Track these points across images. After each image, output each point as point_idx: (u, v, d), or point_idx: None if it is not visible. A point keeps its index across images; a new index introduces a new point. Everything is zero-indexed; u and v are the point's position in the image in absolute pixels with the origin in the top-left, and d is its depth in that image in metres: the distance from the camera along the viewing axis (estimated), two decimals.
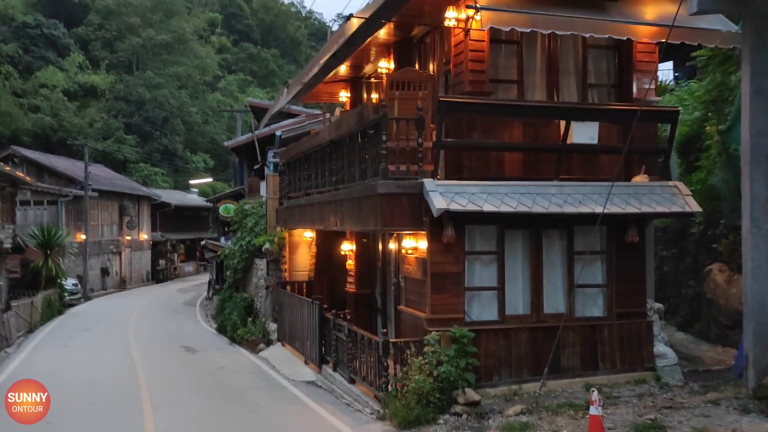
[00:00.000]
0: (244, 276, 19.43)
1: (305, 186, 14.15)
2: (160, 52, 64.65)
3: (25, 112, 50.23)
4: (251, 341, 16.49)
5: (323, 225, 12.70)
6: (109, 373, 13.51)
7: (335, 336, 11.70)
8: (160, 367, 14.23)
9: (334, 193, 11.54)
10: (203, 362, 14.80)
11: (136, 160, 55.34)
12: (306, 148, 13.72)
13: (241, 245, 18.80)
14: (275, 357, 14.74)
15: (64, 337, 19.27)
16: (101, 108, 56.63)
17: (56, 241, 26.57)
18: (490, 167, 10.06)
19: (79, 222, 33.41)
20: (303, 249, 16.84)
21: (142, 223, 42.49)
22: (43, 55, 54.91)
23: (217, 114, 69.29)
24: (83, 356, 15.77)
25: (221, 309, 20.10)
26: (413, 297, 10.03)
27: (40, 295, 23.46)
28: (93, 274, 34.96)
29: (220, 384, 12.30)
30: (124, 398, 11.07)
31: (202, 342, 18.13)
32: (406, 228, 9.58)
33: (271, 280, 16.89)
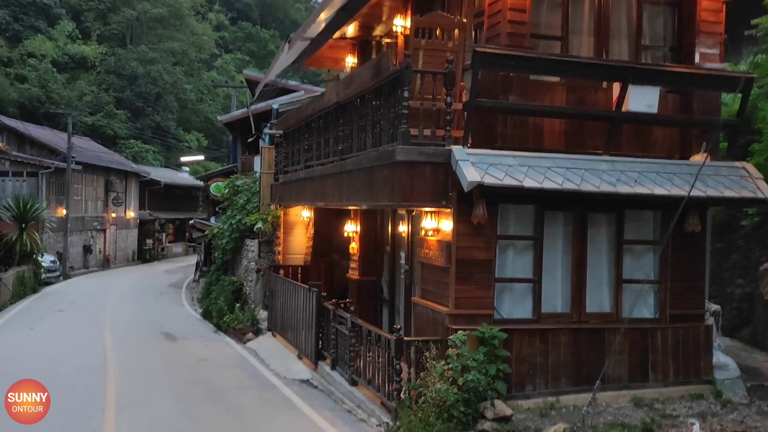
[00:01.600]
0: (233, 258, 17.79)
1: (305, 158, 12.52)
2: (155, 27, 62.85)
3: (11, 81, 48.22)
4: (238, 330, 14.89)
5: (324, 202, 11.08)
6: (74, 362, 11.89)
7: (335, 329, 10.12)
8: (134, 356, 12.61)
9: (340, 164, 9.92)
10: (183, 352, 13.19)
11: (126, 136, 53.57)
12: (308, 114, 12.07)
13: (230, 224, 17.15)
14: (265, 349, 13.15)
15: (32, 319, 17.58)
16: (91, 81, 54.68)
17: (33, 214, 24.77)
18: (527, 137, 8.47)
19: (61, 196, 31.60)
20: (299, 230, 15.23)
21: (129, 200, 40.67)
22: (33, 24, 52.87)
23: (212, 93, 67.77)
24: (48, 341, 14.12)
25: (207, 293, 18.48)
26: (432, 287, 8.44)
27: (12, 272, 21.73)
28: (74, 252, 33.20)
29: (200, 380, 10.71)
30: (86, 395, 9.46)
31: (184, 328, 16.51)
32: (428, 204, 7.97)
33: (262, 263, 15.27)
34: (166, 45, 60.49)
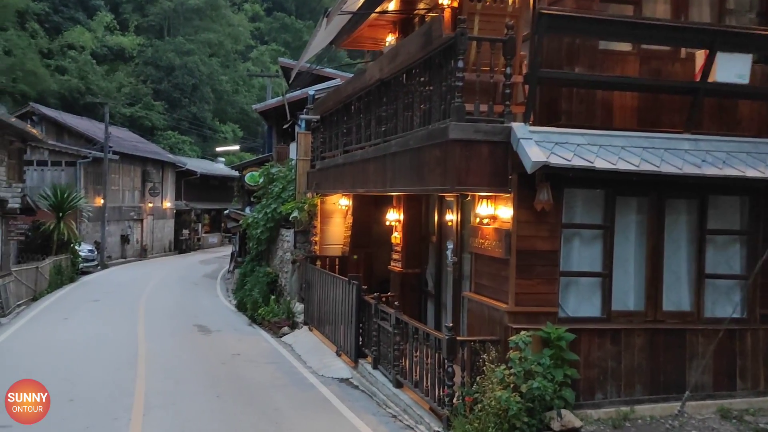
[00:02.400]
0: (268, 248, 17.18)
1: (343, 142, 11.76)
2: (192, 18, 63.15)
3: (51, 73, 48.74)
4: (274, 323, 14.26)
5: (365, 188, 10.30)
6: (105, 355, 11.40)
7: (377, 325, 9.36)
8: (166, 350, 12.07)
9: (383, 147, 9.12)
10: (217, 346, 12.60)
11: (164, 127, 53.92)
12: (347, 95, 11.28)
13: (265, 213, 16.52)
14: (301, 344, 12.49)
15: (67, 308, 17.29)
16: (130, 72, 55.10)
17: (70, 203, 24.63)
18: (595, 114, 7.55)
19: (98, 186, 31.56)
20: (337, 219, 14.50)
21: (165, 190, 40.63)
22: (72, 15, 53.49)
23: (247, 84, 67.93)
24: (81, 332, 13.71)
25: (241, 284, 17.92)
26: (487, 281, 7.59)
27: (49, 261, 21.57)
28: (113, 241, 33.21)
29: (234, 377, 10.07)
30: (114, 392, 8.89)
31: (218, 321, 15.98)
32: (485, 188, 7.11)
33: (298, 254, 14.59)
34: (203, 36, 60.69)
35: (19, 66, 44.03)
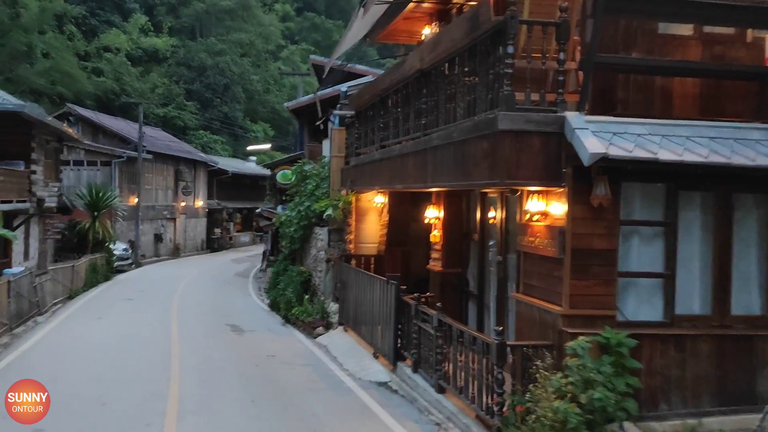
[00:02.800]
0: (302, 247, 16.90)
1: (380, 137, 11.38)
2: (224, 18, 63.70)
3: (88, 74, 49.50)
4: (308, 323, 13.95)
5: (403, 184, 9.90)
6: (138, 356, 11.21)
7: (417, 327, 8.95)
8: (200, 350, 11.84)
9: (423, 140, 8.70)
10: (250, 347, 12.34)
11: (196, 127, 54.36)
12: (384, 87, 10.88)
13: (299, 211, 16.24)
14: (336, 345, 12.14)
15: (102, 307, 17.27)
16: (163, 73, 55.73)
17: (105, 202, 24.78)
18: (653, 102, 7.05)
19: (133, 185, 31.76)
20: (372, 217, 14.12)
21: (198, 189, 40.82)
22: (108, 19, 54.31)
23: (278, 83, 68.21)
24: (115, 332, 13.59)
25: (274, 283, 17.68)
26: (538, 282, 7.11)
27: (85, 259, 21.66)
28: (146, 240, 33.42)
29: (269, 380, 9.76)
30: (147, 395, 8.65)
31: (251, 320, 15.75)
32: (537, 182, 6.63)
33: (333, 253, 14.26)
34: (234, 36, 61.12)
35: (57, 68, 44.78)
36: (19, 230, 19.17)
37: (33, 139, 19.20)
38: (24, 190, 18.21)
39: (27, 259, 19.95)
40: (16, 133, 18.50)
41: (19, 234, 19.31)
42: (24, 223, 19.17)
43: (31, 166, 18.99)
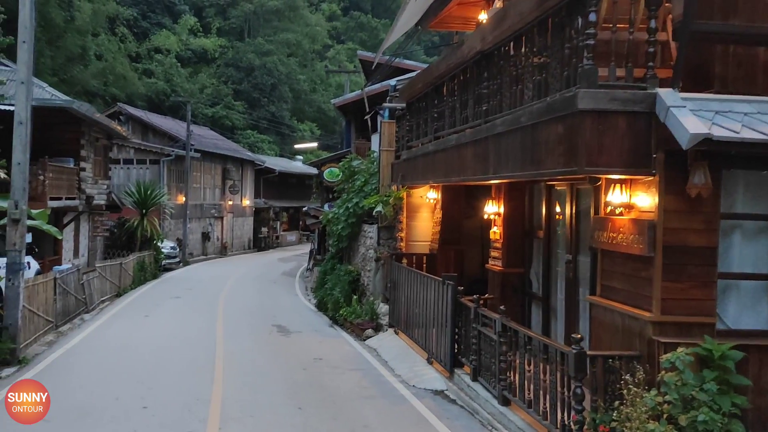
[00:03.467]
0: (350, 245, 16.33)
1: (434, 128, 10.69)
2: (271, 19, 64.20)
3: (139, 76, 50.42)
4: (356, 324, 13.35)
5: (461, 177, 9.16)
6: (183, 356, 10.80)
7: (477, 332, 8.21)
8: (245, 352, 11.36)
9: (485, 128, 7.96)
10: (297, 349, 11.80)
11: (243, 126, 54.77)
12: (439, 74, 10.18)
13: (347, 208, 15.67)
14: (387, 348, 11.49)
15: (149, 305, 17.08)
16: (212, 74, 56.44)
17: (153, 200, 24.79)
18: (755, 79, 6.17)
19: (181, 183, 31.89)
20: (424, 213, 13.44)
21: (245, 188, 40.88)
22: (159, 21, 55.32)
23: (325, 83, 68.44)
24: (160, 331, 13.27)
25: (321, 283, 17.17)
26: (620, 284, 6.28)
27: (132, 257, 21.63)
28: (194, 239, 33.54)
29: (317, 385, 9.17)
30: (189, 400, 8.15)
31: (298, 321, 15.26)
32: (622, 169, 5.80)
33: (383, 251, 13.62)
34: (281, 37, 61.47)
35: (110, 70, 45.65)
36: (68, 227, 19.22)
37: (82, 137, 19.22)
38: (73, 187, 18.20)
39: (77, 256, 20.01)
40: (67, 130, 18.55)
41: (68, 231, 19.38)
42: (73, 220, 19.21)
43: (81, 164, 19.01)
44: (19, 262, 9.60)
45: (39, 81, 17.83)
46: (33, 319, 11.14)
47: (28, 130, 9.71)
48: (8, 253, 9.61)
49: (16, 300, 9.56)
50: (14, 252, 9.58)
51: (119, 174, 29.46)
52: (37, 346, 11.07)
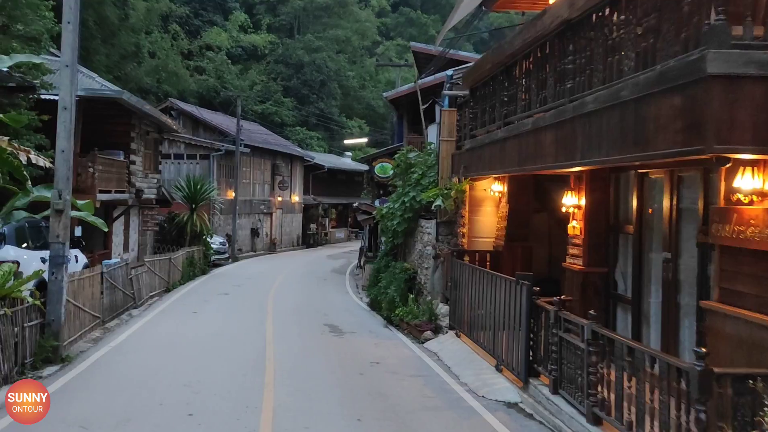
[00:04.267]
0: (405, 242, 15.48)
1: (503, 113, 9.73)
2: (321, 15, 64.23)
3: (191, 73, 50.87)
4: (413, 325, 12.50)
5: (538, 164, 8.19)
6: (231, 358, 10.14)
7: (559, 338, 7.24)
8: (296, 353, 10.65)
9: (570, 107, 6.98)
10: (352, 351, 11.03)
11: (292, 123, 54.70)
12: (511, 53, 9.20)
13: (402, 202, 14.83)
14: (449, 352, 10.61)
15: (198, 301, 16.63)
16: (262, 71, 56.64)
17: (202, 195, 24.52)
18: None
19: (231, 179, 31.68)
20: (488, 207, 12.50)
21: (294, 184, 40.56)
22: (210, 19, 55.85)
23: (374, 79, 68.09)
24: (208, 329, 12.70)
25: (375, 281, 16.39)
26: (748, 287, 5.24)
27: (182, 252, 21.33)
28: (243, 234, 33.31)
29: (375, 392, 8.35)
30: (238, 407, 7.45)
31: (350, 321, 14.51)
32: (757, 148, 4.77)
33: (442, 248, 12.72)
34: (331, 33, 61.35)
35: (163, 67, 46.10)
36: (118, 221, 18.99)
37: (133, 130, 18.95)
38: (123, 181, 17.93)
39: (127, 250, 19.79)
40: (117, 123, 18.30)
41: (118, 225, 19.15)
42: (123, 214, 18.97)
43: (131, 156, 18.74)
44: (63, 255, 9.09)
45: (89, 72, 17.63)
46: (78, 315, 10.69)
47: (72, 116, 9.20)
48: (51, 245, 9.11)
49: (59, 294, 9.06)
50: (57, 244, 9.08)
51: (170, 169, 29.39)
52: (83, 343, 10.62)
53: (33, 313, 8.67)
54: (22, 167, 8.67)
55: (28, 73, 12.88)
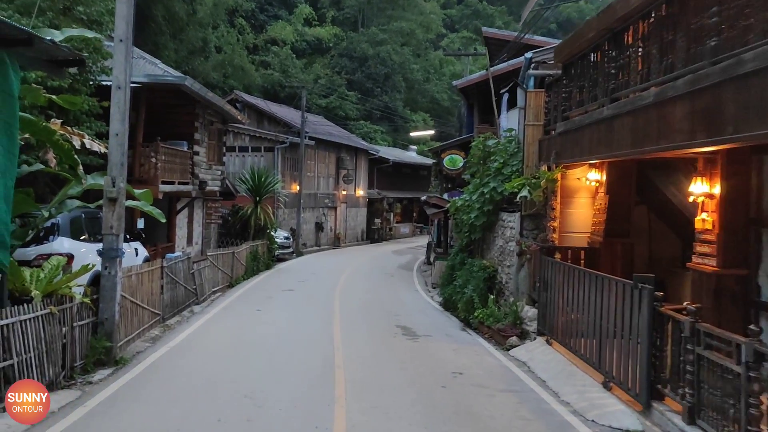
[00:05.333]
0: (483, 237, 14.16)
1: (608, 88, 8.33)
2: (385, 8, 63.61)
3: (256, 67, 50.96)
4: (496, 330, 11.23)
5: (661, 143, 6.78)
6: (297, 364, 9.15)
7: (696, 356, 5.85)
8: (368, 360, 9.57)
9: (717, 70, 5.58)
10: (429, 358, 9.85)
11: (356, 117, 54.14)
12: (625, 14, 7.77)
13: (481, 193, 13.51)
14: (541, 363, 9.29)
15: (262, 298, 15.85)
16: (325, 64, 56.33)
17: (267, 187, 23.88)
18: None
19: (295, 172, 31.06)
20: (581, 199, 11.08)
21: (358, 178, 39.71)
22: (275, 13, 55.99)
23: (438, 72, 67.04)
24: (273, 329, 11.81)
25: (448, 279, 15.15)
26: None
27: (245, 246, 20.69)
28: (307, 229, 32.68)
29: (463, 411, 7.16)
30: (307, 428, 6.40)
31: (424, 322, 13.35)
32: None
33: (530, 244, 11.37)
34: (395, 25, 60.56)
35: (229, 61, 46.25)
36: (182, 214, 18.48)
37: (196, 119, 18.36)
38: (186, 172, 17.33)
39: (190, 244, 19.29)
40: (180, 112, 17.75)
41: (182, 218, 18.64)
42: (187, 206, 18.44)
43: (194, 147, 18.15)
44: (116, 248, 8.29)
45: (152, 58, 17.10)
46: (136, 312, 9.96)
47: (127, 96, 8.40)
48: (104, 237, 8.33)
49: (112, 291, 8.27)
50: (111, 236, 8.29)
51: (234, 162, 29.01)
52: (140, 342, 9.88)
53: (84, 311, 7.91)
54: (73, 151, 7.91)
55: (90, 58, 12.33)
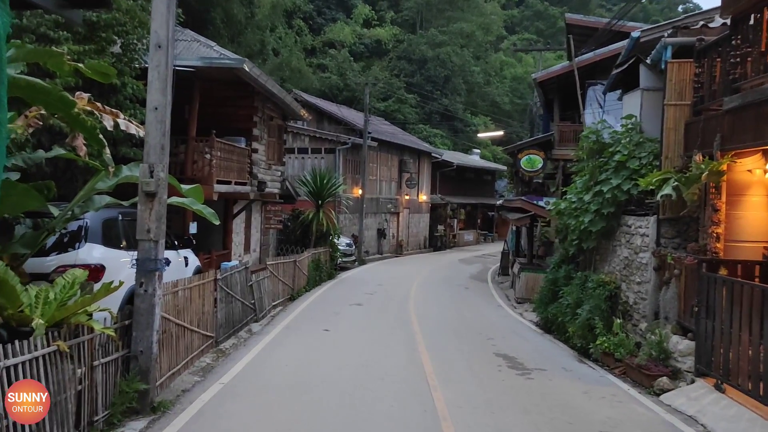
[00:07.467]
0: (598, 246, 11.63)
1: None
2: (444, 9, 61.82)
3: (313, 70, 49.73)
4: (636, 367, 8.70)
5: None
6: (388, 413, 6.90)
7: None
8: (482, 409, 7.22)
9: None
10: (559, 407, 7.43)
11: (415, 121, 52.24)
12: None
13: (599, 192, 11.00)
14: (719, 420, 6.77)
15: (328, 314, 13.72)
16: (384, 67, 54.74)
17: (329, 190, 21.87)
18: None
19: (357, 175, 29.05)
20: (754, 197, 8.48)
21: (421, 182, 37.45)
22: (333, 16, 54.93)
23: (499, 75, 64.71)
24: (346, 357, 9.59)
25: (551, 295, 12.65)
26: None
27: (307, 254, 18.70)
28: (369, 235, 30.60)
29: None
30: None
31: (526, 348, 10.94)
32: None
33: (677, 256, 8.79)
34: (455, 27, 58.68)
35: (286, 64, 45.10)
36: (239, 218, 16.60)
37: (256, 113, 16.49)
38: (244, 171, 15.43)
39: (248, 251, 17.39)
40: (238, 105, 15.93)
41: (239, 223, 16.77)
42: (244, 209, 16.55)
43: (253, 144, 16.27)
44: (156, 259, 6.22)
45: (206, 40, 15.30)
46: (183, 337, 7.95)
47: (168, 59, 6.37)
48: (140, 243, 6.28)
49: (149, 315, 6.20)
50: (148, 242, 6.22)
51: (293, 164, 27.24)
52: (187, 376, 7.85)
53: (111, 344, 5.88)
54: (98, 131, 5.93)
55: (133, 33, 10.55)
